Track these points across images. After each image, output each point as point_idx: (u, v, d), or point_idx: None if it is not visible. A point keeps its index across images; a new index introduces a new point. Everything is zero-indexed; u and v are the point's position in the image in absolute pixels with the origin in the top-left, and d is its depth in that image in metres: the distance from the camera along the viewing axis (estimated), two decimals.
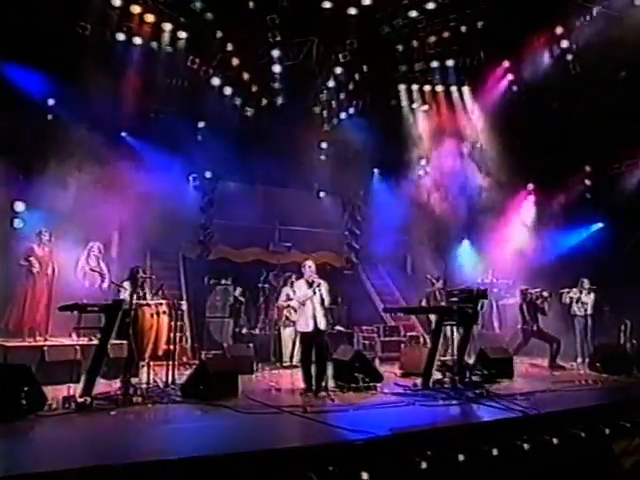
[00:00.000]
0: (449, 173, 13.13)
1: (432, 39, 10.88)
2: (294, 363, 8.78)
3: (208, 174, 11.26)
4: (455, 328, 9.45)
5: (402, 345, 9.17)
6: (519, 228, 12.67)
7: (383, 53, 11.42)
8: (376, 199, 13.26)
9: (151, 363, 6.77)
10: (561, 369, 8.51)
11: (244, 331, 9.89)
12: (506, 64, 12.22)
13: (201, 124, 11.65)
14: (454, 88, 12.62)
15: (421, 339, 10.22)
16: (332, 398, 5.74)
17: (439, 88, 12.56)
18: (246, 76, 11.15)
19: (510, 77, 12.29)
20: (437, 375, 6.88)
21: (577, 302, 9.24)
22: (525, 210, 12.79)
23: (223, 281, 9.91)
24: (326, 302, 6.55)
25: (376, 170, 13.53)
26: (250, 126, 11.64)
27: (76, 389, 5.76)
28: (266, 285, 10.27)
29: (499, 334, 10.42)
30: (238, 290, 10.42)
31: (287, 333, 8.90)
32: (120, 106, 10.56)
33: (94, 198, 9.63)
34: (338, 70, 11.52)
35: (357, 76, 11.92)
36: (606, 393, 6.45)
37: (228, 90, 11.22)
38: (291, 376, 7.92)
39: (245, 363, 7.62)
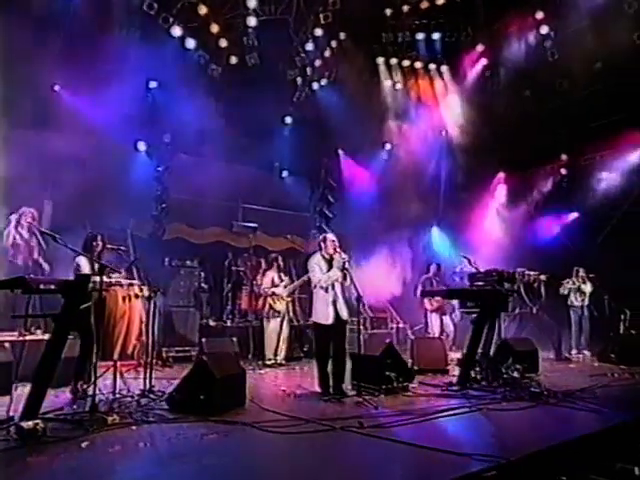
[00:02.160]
0: (422, 155, 12.42)
1: (425, 5, 10.01)
2: (279, 361, 7.52)
3: (166, 138, 9.50)
4: (450, 318, 8.84)
5: (412, 339, 8.17)
6: (494, 216, 12.27)
7: (367, 18, 10.38)
8: (346, 180, 12.21)
9: (118, 364, 5.21)
10: (568, 361, 8.01)
11: (212, 323, 8.38)
12: (482, 47, 11.77)
13: (154, 83, 9.85)
14: (433, 66, 11.93)
15: (409, 332, 9.35)
16: (375, 405, 4.57)
17: (418, 64, 11.80)
18: (215, 28, 9.57)
19: (487, 61, 11.84)
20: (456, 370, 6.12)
21: (576, 292, 8.83)
22: (500, 198, 12.41)
23: (188, 263, 8.29)
24: (347, 283, 5.39)
25: (343, 150, 12.44)
26: (215, 88, 10.06)
27: (11, 407, 3.93)
28: (240, 269, 8.80)
29: None
30: (201, 275, 8.90)
31: (271, 326, 7.53)
32: (53, 54, 8.72)
33: (20, 162, 7.79)
34: (317, 32, 10.32)
35: (334, 43, 10.83)
36: None
37: (191, 43, 9.59)
38: (286, 377, 6.64)
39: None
